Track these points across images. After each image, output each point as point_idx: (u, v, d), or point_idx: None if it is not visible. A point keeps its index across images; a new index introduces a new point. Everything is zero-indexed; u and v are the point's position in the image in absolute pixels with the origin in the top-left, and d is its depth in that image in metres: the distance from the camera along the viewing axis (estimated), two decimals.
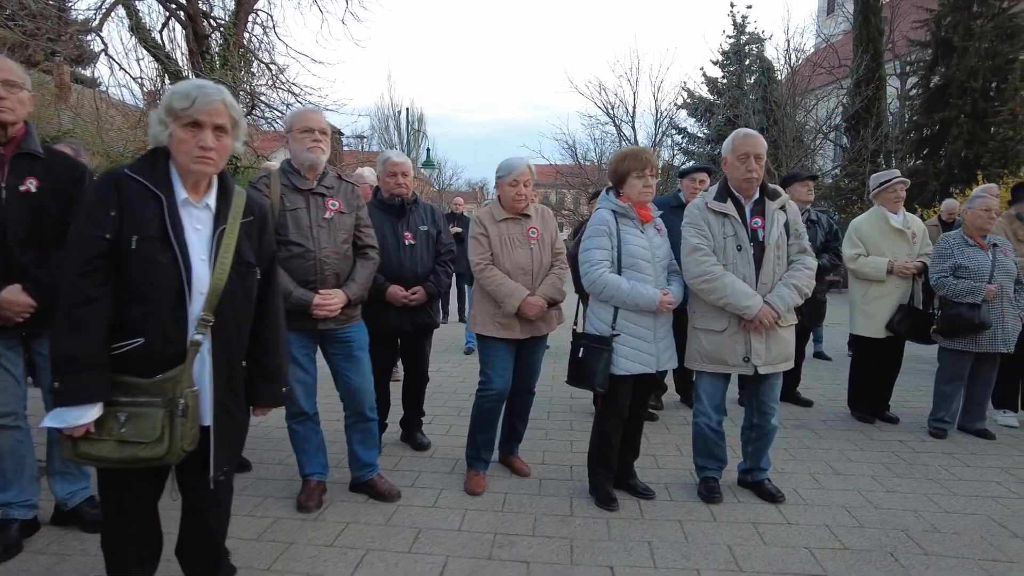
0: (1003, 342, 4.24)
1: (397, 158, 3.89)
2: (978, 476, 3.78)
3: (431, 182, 35.79)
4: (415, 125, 43.43)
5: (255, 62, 15.98)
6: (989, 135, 16.42)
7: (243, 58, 15.57)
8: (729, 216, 3.14)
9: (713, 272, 3.08)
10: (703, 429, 3.38)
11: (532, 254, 3.42)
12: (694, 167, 4.94)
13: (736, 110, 20.04)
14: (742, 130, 3.16)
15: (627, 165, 3.14)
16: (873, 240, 4.64)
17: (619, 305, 3.11)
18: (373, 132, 43.90)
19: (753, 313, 3.03)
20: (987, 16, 16.94)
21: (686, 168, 5.02)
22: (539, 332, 3.49)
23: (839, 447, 4.26)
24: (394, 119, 42.50)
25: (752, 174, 3.10)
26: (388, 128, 43.34)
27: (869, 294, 4.64)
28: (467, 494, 3.45)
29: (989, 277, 4.20)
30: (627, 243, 3.13)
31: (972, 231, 4.34)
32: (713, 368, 3.23)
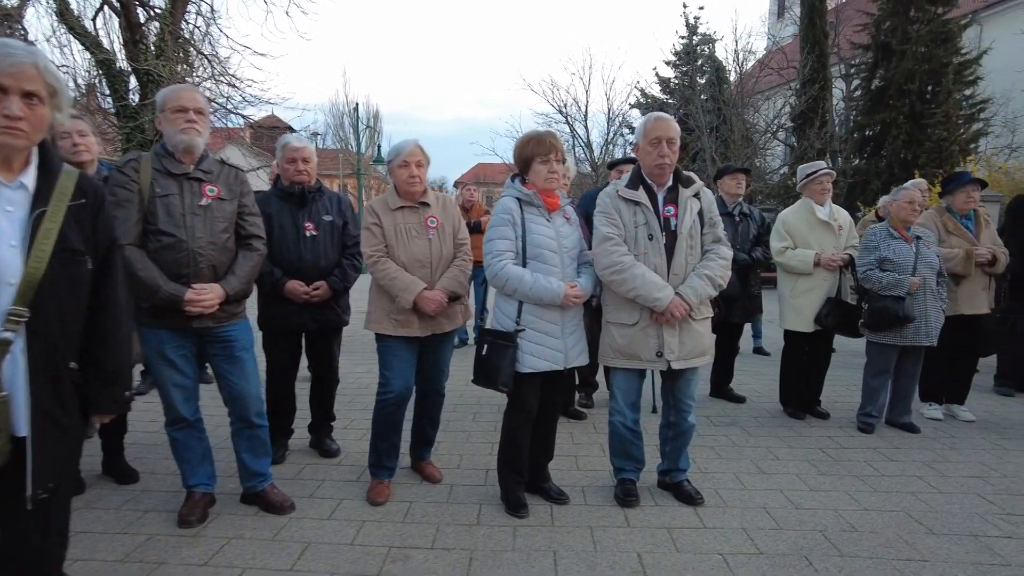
0: (926, 335, 4.20)
1: (296, 143, 3.61)
2: (900, 471, 3.71)
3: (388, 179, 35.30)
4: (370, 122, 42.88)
5: (194, 54, 15.35)
6: (926, 136, 16.89)
7: (181, 49, 14.94)
8: (641, 204, 2.97)
9: (623, 263, 2.91)
10: (618, 428, 3.20)
11: (431, 245, 3.19)
12: (622, 159, 4.79)
13: (687, 109, 20.19)
14: (653, 114, 3.00)
15: (530, 150, 2.94)
16: (800, 233, 4.56)
17: (523, 299, 2.90)
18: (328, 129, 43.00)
19: (663, 305, 2.86)
20: (923, 21, 17.44)
21: (614, 160, 4.86)
22: (441, 329, 3.27)
23: (767, 445, 4.16)
24: (349, 116, 41.86)
25: (664, 159, 2.94)
26: (343, 125, 42.66)
27: (797, 288, 4.56)
28: (369, 504, 3.21)
29: (912, 269, 4.15)
30: (532, 233, 2.93)
31: (896, 223, 4.29)
32: (626, 364, 3.06)
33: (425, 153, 3.27)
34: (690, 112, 19.96)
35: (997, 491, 3.43)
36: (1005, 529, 2.99)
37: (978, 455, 3.98)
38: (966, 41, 18.94)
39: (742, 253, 4.78)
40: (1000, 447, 4.14)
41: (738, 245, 4.81)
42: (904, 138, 17.42)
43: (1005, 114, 18.85)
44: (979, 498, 3.34)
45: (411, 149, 3.19)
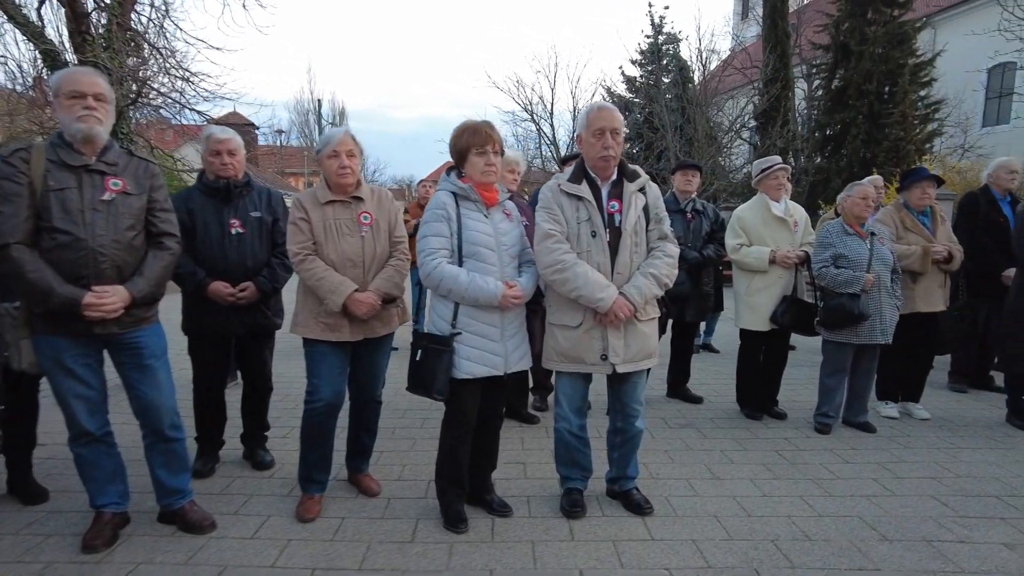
0: (881, 333, 4.12)
1: (221, 134, 3.36)
2: (856, 473, 3.61)
3: None
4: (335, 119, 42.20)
5: (145, 46, 14.79)
6: (884, 135, 17.17)
7: (131, 41, 14.38)
8: (584, 199, 2.81)
9: (564, 261, 2.74)
10: (564, 435, 3.04)
11: (363, 243, 2.98)
12: (572, 155, 4.63)
13: (652, 108, 20.22)
14: (595, 103, 2.84)
15: (465, 141, 2.76)
16: (755, 229, 4.46)
17: (458, 300, 2.72)
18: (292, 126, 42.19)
19: (607, 306, 2.70)
20: (880, 23, 17.73)
21: (567, 156, 4.70)
22: (375, 333, 3.06)
23: (722, 447, 4.04)
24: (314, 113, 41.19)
25: (609, 151, 2.78)
26: (308, 122, 41.97)
27: (752, 286, 4.46)
28: (297, 521, 2.98)
29: (867, 266, 4.07)
30: (468, 229, 2.74)
31: (850, 219, 4.21)
32: (570, 367, 2.89)
33: (357, 143, 3.05)
34: (655, 111, 20.01)
35: (951, 492, 3.36)
36: (958, 533, 2.91)
37: (932, 454, 3.92)
38: (921, 43, 19.34)
39: (693, 251, 4.67)
40: (954, 446, 4.09)
41: (690, 243, 4.70)
42: (863, 137, 17.67)
43: (958, 115, 19.33)
44: (933, 500, 3.26)
45: (341, 138, 2.98)
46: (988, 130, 21.15)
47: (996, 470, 3.68)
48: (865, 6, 18.10)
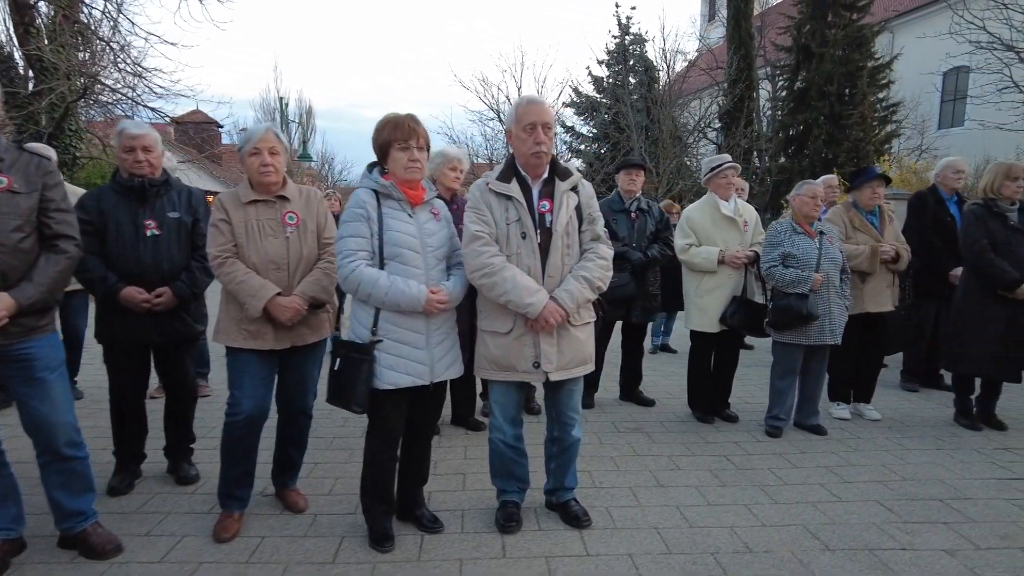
0: (831, 333, 4.07)
1: (134, 129, 3.14)
2: (803, 478, 3.54)
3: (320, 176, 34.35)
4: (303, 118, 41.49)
5: (96, 41, 14.26)
6: (844, 136, 17.44)
7: (80, 35, 13.85)
8: (513, 199, 2.66)
9: (492, 265, 2.59)
10: (498, 446, 2.90)
11: (288, 244, 2.81)
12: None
13: (617, 108, 20.25)
14: (525, 96, 2.70)
15: (387, 135, 2.59)
16: (704, 229, 4.37)
17: (378, 304, 2.55)
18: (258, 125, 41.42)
19: (536, 311, 2.56)
20: (839, 26, 18.01)
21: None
22: (303, 341, 2.89)
23: (670, 452, 3.94)
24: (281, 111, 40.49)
25: (541, 147, 2.64)
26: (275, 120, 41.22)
27: (702, 286, 4.37)
28: (213, 541, 2.79)
29: (816, 266, 4.01)
30: (390, 229, 2.58)
31: (799, 218, 4.15)
32: (502, 376, 2.75)
33: (281, 140, 2.88)
34: (620, 111, 20.03)
35: (896, 496, 3.30)
36: (901, 540, 2.84)
37: (880, 457, 3.87)
38: (879, 47, 19.71)
39: (637, 252, 4.57)
40: (902, 447, 4.05)
41: (635, 242, 4.60)
42: (825, 138, 17.96)
43: (915, 117, 19.74)
44: (878, 506, 3.20)
45: (262, 135, 2.80)
46: (944, 132, 21.61)
47: (941, 471, 3.64)
48: (825, 9, 18.40)
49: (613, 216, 4.66)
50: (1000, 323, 4.18)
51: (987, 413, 4.49)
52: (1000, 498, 3.31)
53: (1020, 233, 4.15)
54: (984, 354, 4.22)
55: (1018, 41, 9.80)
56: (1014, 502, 3.25)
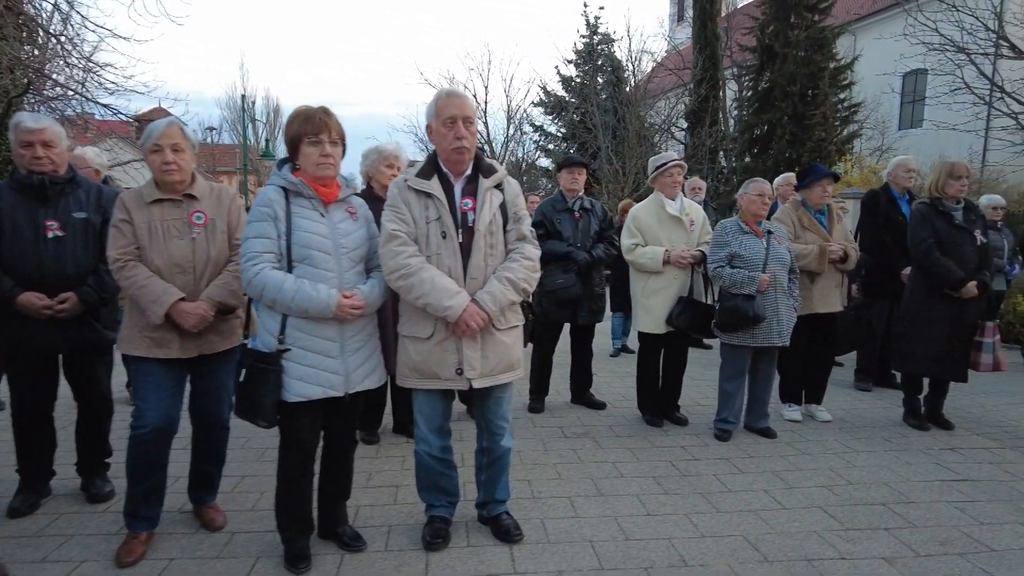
0: (779, 335, 3.99)
1: (32, 123, 2.91)
2: (748, 484, 3.45)
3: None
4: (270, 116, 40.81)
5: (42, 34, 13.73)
6: (807, 136, 17.60)
7: (24, 27, 13.32)
8: (433, 197, 2.51)
9: (409, 266, 2.44)
10: (423, 458, 2.74)
11: (194, 246, 2.62)
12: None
13: (584, 107, 20.22)
14: (445, 88, 2.55)
15: (296, 129, 2.43)
16: (650, 228, 4.27)
17: (284, 311, 2.38)
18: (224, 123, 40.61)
19: (456, 314, 2.41)
20: (802, 27, 18.18)
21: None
22: (213, 349, 2.70)
23: (616, 458, 3.82)
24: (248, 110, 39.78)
25: (462, 142, 2.49)
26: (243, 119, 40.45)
27: (649, 287, 4.27)
28: (115, 566, 2.59)
29: (763, 266, 3.93)
30: (299, 230, 2.41)
31: (747, 217, 4.07)
32: (424, 384, 2.59)
33: (186, 135, 2.69)
34: (587, 111, 20.00)
35: (840, 502, 3.23)
36: (841, 548, 2.76)
37: (828, 460, 3.81)
38: (841, 49, 19.97)
39: (582, 252, 4.46)
40: (850, 449, 4.00)
41: (579, 242, 4.49)
42: (788, 138, 18.09)
43: (876, 118, 20.06)
44: (822, 512, 3.12)
45: (163, 130, 2.60)
46: (904, 132, 22.03)
47: (887, 474, 3.59)
48: (788, 10, 18.54)
49: (557, 216, 4.54)
50: (946, 322, 4.16)
51: (935, 413, 4.47)
52: (943, 501, 3.25)
53: (965, 232, 4.13)
54: (930, 353, 4.19)
55: (969, 43, 9.95)
56: (956, 505, 3.20)
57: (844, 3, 23.42)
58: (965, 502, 3.25)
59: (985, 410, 4.92)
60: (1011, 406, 5.04)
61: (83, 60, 13.41)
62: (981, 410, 4.92)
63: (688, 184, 7.33)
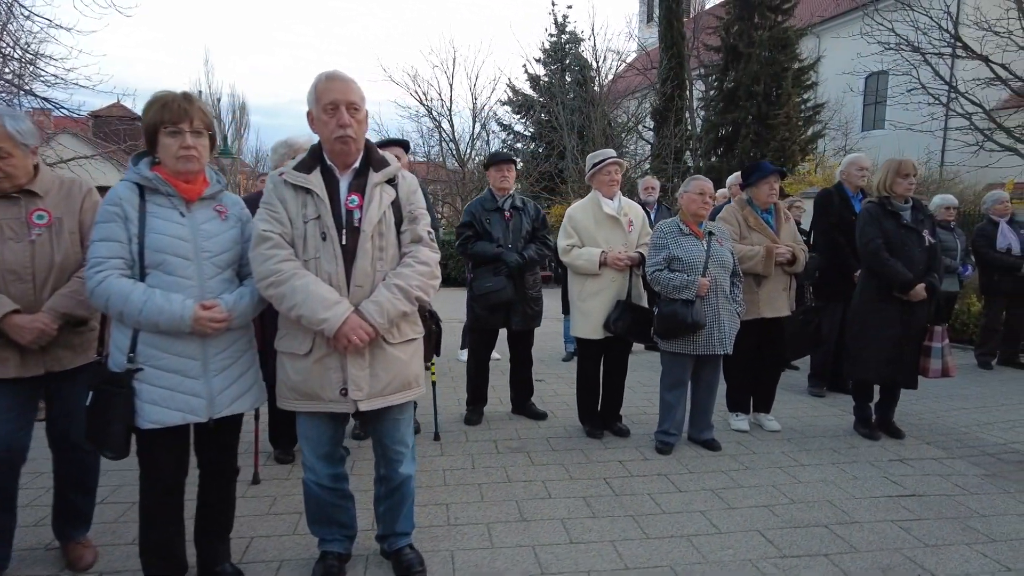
0: (720, 342, 3.76)
1: None
2: (685, 504, 3.20)
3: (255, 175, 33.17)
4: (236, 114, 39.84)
5: None
6: (771, 136, 17.62)
7: None
8: (312, 192, 2.21)
9: (280, 272, 2.13)
10: (311, 488, 2.43)
11: (34, 249, 2.28)
12: (388, 140, 4.06)
13: (550, 106, 20.00)
14: (325, 72, 2.24)
15: (153, 117, 2.10)
16: (587, 229, 4.01)
17: (134, 324, 2.06)
18: None
19: (333, 327, 2.11)
20: (765, 27, 18.19)
21: (382, 140, 4.10)
22: (63, 366, 2.37)
23: (547, 476, 3.55)
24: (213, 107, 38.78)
25: (346, 131, 2.18)
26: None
27: (585, 290, 4.01)
28: None
29: (703, 269, 3.70)
30: (153, 231, 2.08)
31: (687, 217, 3.83)
32: (307, 406, 2.28)
33: (11, 136, 2.32)
34: (553, 110, 19.78)
35: (781, 524, 3.00)
36: None
37: (772, 475, 3.59)
38: (806, 50, 20.07)
39: (513, 253, 4.19)
40: (797, 462, 3.78)
41: (510, 243, 4.22)
42: (753, 137, 18.08)
43: (839, 119, 20.22)
44: (759, 537, 2.88)
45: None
46: (866, 133, 22.27)
47: (832, 491, 3.37)
48: (752, 10, 18.55)
49: (486, 216, 4.27)
50: (895, 326, 3.98)
51: (885, 421, 4.29)
52: (888, 520, 3.04)
53: (913, 232, 3.95)
54: (880, 359, 4.00)
55: (923, 43, 9.93)
56: (901, 524, 2.99)
57: (808, 5, 23.63)
58: (911, 520, 3.05)
59: (936, 416, 4.77)
60: (962, 411, 4.90)
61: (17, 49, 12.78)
62: (932, 416, 4.77)
63: (641, 183, 7.14)
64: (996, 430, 4.43)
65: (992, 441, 4.20)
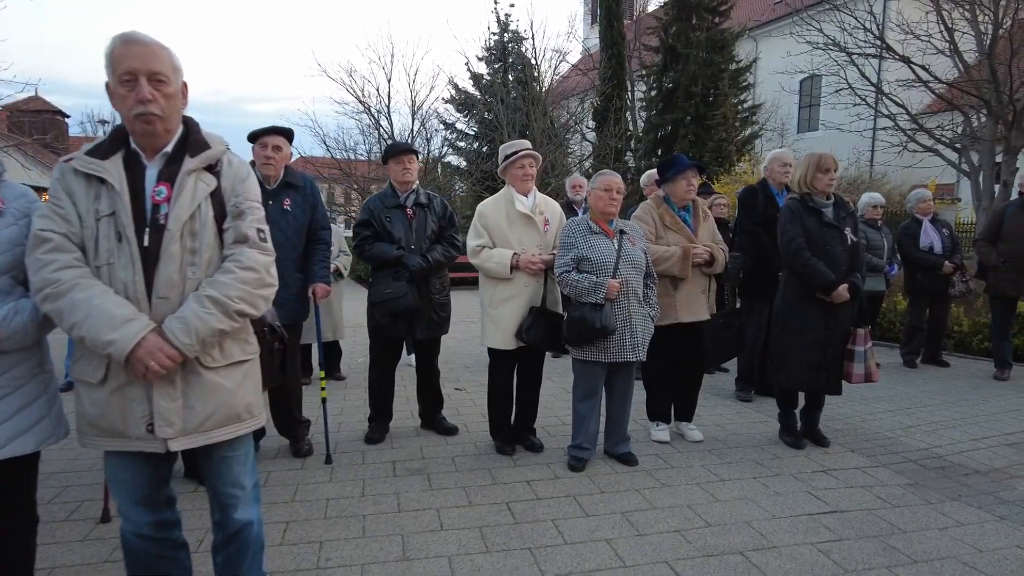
0: (632, 349, 3.47)
1: None
2: (590, 533, 2.89)
3: None
4: None
5: None
6: (709, 136, 17.75)
7: None
8: (107, 183, 1.78)
9: (59, 282, 1.70)
10: (129, 540, 1.99)
11: None
12: (264, 129, 3.62)
13: (489, 105, 19.67)
14: (122, 34, 1.81)
15: None
16: (498, 228, 3.68)
17: None
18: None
19: (122, 351, 1.69)
20: (703, 28, 18.35)
21: (264, 128, 3.65)
22: None
23: (444, 502, 3.19)
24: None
25: (148, 107, 1.76)
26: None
27: (496, 295, 3.67)
28: None
29: (613, 270, 3.41)
30: None
31: (595, 215, 3.54)
32: (112, 444, 1.85)
33: None
34: (492, 108, 19.44)
35: (692, 553, 2.71)
36: None
37: (690, 493, 3.32)
38: (743, 52, 20.35)
39: (415, 256, 3.82)
40: (717, 478, 3.54)
41: (413, 244, 3.86)
42: (691, 138, 18.21)
43: (776, 120, 20.59)
44: (667, 569, 2.59)
45: None
46: (801, 135, 22.78)
47: (751, 510, 3.12)
48: (690, 11, 18.70)
49: (386, 213, 3.88)
50: (818, 329, 3.78)
51: (811, 427, 4.10)
52: (807, 543, 2.80)
53: (835, 230, 3.76)
54: (803, 364, 3.80)
55: (850, 44, 10.03)
56: (821, 548, 2.76)
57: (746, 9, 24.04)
58: (832, 542, 2.81)
59: (862, 419, 4.63)
60: (889, 414, 4.78)
61: None
62: (858, 420, 4.62)
63: (569, 181, 6.89)
64: (920, 433, 4.31)
65: (915, 446, 4.06)
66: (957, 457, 3.86)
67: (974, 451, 3.97)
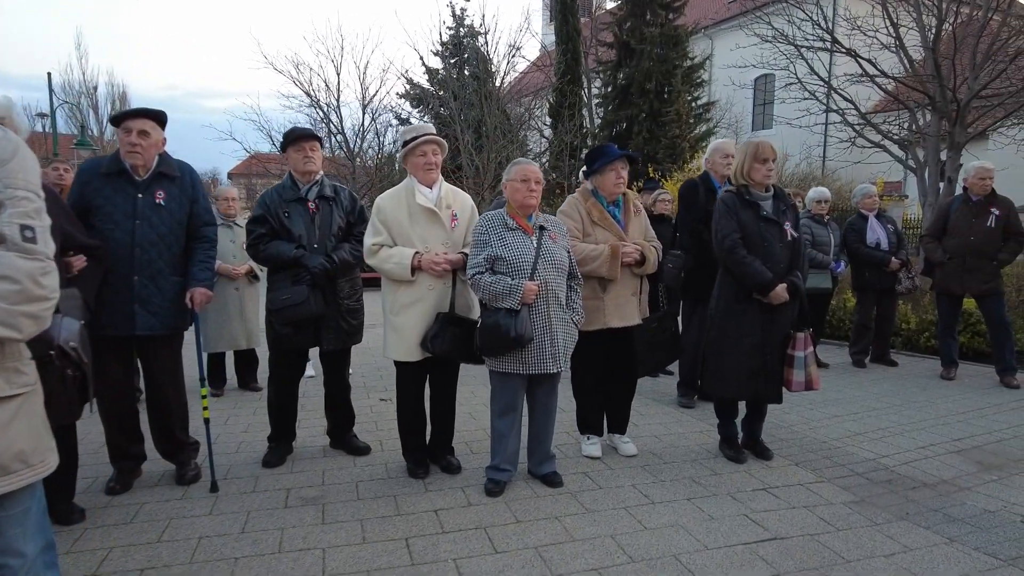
0: (553, 359, 3.10)
1: None
2: (500, 569, 2.52)
3: None
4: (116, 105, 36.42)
5: None
6: (663, 132, 17.63)
7: None
8: None
9: None
10: None
11: None
12: (127, 112, 3.14)
13: (443, 100, 19.22)
14: None
15: None
16: (398, 224, 3.27)
17: None
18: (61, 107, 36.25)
19: None
20: (657, 25, 18.22)
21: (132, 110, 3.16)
22: None
23: (334, 539, 2.77)
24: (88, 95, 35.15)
25: None
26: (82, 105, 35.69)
27: (397, 300, 3.27)
28: None
29: (531, 271, 3.03)
30: None
31: (513, 209, 3.16)
32: None
33: None
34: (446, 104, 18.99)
35: None
36: None
37: (615, 521, 2.97)
38: (697, 50, 20.33)
39: (318, 257, 3.40)
40: (648, 499, 3.20)
41: (315, 243, 3.43)
42: (645, 134, 18.07)
43: (730, 118, 20.62)
44: None
45: None
46: (756, 133, 22.91)
47: (681, 540, 2.78)
48: (644, 7, 18.55)
49: (284, 208, 3.44)
50: (756, 333, 3.48)
51: (753, 439, 3.80)
52: None
53: (774, 225, 3.46)
54: (741, 371, 3.50)
55: (799, 38, 9.91)
56: None
57: (701, 7, 24.08)
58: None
59: (809, 427, 4.37)
60: (835, 420, 4.53)
61: None
62: (805, 427, 4.36)
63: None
64: (867, 442, 4.06)
65: (862, 456, 3.80)
66: (904, 468, 3.61)
67: (922, 460, 3.73)
